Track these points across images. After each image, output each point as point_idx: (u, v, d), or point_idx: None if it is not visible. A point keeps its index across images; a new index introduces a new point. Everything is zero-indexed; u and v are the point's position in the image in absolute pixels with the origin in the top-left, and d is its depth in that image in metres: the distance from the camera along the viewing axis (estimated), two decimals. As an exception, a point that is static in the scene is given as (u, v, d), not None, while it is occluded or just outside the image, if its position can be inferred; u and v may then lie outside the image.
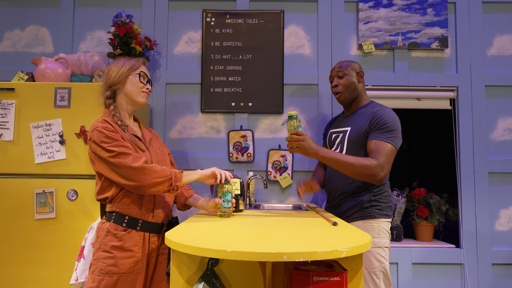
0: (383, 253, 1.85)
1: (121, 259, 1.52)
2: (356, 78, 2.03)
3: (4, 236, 2.03)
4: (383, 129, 1.84)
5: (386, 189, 1.95)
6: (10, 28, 2.75)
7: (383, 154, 1.77)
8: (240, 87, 2.67)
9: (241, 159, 2.61)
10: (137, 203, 1.58)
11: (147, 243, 1.60)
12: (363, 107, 2.03)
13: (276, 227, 1.36)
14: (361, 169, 1.73)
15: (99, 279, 1.50)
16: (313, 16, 2.73)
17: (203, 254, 0.99)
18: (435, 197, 2.68)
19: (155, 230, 1.62)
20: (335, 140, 2.06)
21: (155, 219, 1.62)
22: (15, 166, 2.06)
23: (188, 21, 2.74)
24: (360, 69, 2.05)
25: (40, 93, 2.10)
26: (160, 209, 1.65)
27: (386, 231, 1.89)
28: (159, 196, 1.65)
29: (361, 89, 2.05)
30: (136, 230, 1.57)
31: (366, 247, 1.08)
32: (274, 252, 0.94)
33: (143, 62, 1.76)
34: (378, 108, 1.94)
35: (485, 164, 2.58)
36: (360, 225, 1.89)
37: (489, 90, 2.65)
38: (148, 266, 1.61)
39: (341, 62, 2.07)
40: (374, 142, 1.83)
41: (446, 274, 2.52)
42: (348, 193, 1.95)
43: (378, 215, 1.89)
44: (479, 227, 2.54)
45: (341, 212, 1.98)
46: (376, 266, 1.82)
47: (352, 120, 2.01)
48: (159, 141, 1.86)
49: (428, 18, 2.65)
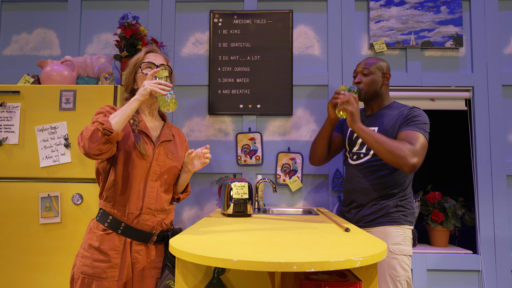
0: (408, 262, 1.77)
1: (95, 261, 1.43)
2: (381, 79, 1.95)
3: (9, 241, 2.01)
4: (416, 121, 1.77)
5: (410, 196, 1.88)
6: (18, 32, 2.75)
7: (417, 141, 1.70)
8: (248, 89, 2.62)
9: (250, 162, 2.56)
10: (121, 204, 1.48)
11: (129, 250, 1.47)
12: (386, 107, 1.95)
13: (285, 233, 1.29)
14: (393, 148, 1.66)
15: (76, 277, 1.45)
16: (322, 16, 2.67)
17: (208, 263, 0.94)
18: (450, 201, 2.59)
19: (140, 238, 1.48)
20: (357, 139, 1.97)
21: (140, 226, 1.49)
22: (20, 170, 2.04)
23: (195, 22, 2.70)
24: (388, 70, 1.97)
25: (45, 96, 2.07)
26: (149, 216, 1.51)
27: (410, 239, 1.82)
28: (149, 201, 1.51)
29: (384, 91, 1.97)
30: (117, 233, 1.46)
31: (382, 256, 1.01)
32: (284, 262, 0.88)
33: (148, 50, 1.64)
34: (406, 106, 1.89)
35: (503, 166, 2.48)
36: (383, 231, 1.80)
37: (506, 89, 2.55)
38: (133, 279, 1.47)
39: (368, 59, 1.99)
40: (405, 132, 1.75)
41: (463, 281, 2.43)
42: (373, 196, 1.87)
43: (404, 221, 1.81)
44: (497, 232, 2.45)
45: (363, 216, 1.88)
46: (402, 275, 1.74)
47: (378, 120, 1.93)
48: (181, 149, 1.69)
49: (442, 16, 2.57)
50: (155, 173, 1.55)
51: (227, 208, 1.82)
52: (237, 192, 1.81)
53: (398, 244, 1.77)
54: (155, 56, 1.63)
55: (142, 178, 1.52)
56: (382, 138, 1.71)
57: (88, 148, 1.35)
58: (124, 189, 1.49)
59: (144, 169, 1.52)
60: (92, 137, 1.34)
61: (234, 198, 1.80)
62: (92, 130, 1.35)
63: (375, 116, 1.96)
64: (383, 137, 1.72)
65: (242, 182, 1.85)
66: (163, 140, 1.60)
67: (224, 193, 1.86)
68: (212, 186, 2.58)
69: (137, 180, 1.50)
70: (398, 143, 1.70)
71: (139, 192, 1.50)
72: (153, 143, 1.58)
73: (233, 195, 1.81)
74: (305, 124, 2.61)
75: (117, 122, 1.38)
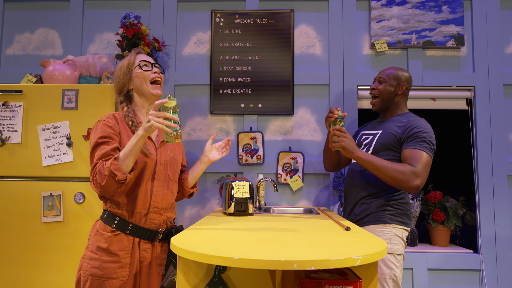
0: (394, 260, 1.77)
1: (105, 262, 1.44)
2: (395, 88, 1.97)
3: (12, 240, 2.02)
4: (419, 138, 1.77)
5: (403, 196, 1.88)
6: (20, 31, 2.76)
7: (419, 162, 1.71)
8: (249, 88, 2.62)
9: (251, 161, 2.56)
10: (129, 204, 1.49)
11: (137, 249, 1.49)
12: (398, 115, 1.97)
13: (286, 232, 1.30)
14: (394, 173, 1.68)
15: (84, 279, 1.45)
16: (323, 15, 2.68)
17: (209, 262, 0.94)
18: (451, 201, 2.59)
19: (147, 237, 1.51)
20: (363, 141, 2.01)
21: (147, 225, 1.51)
22: (22, 169, 2.05)
23: (196, 22, 2.71)
24: (406, 81, 1.98)
25: (48, 95, 2.08)
26: (156, 215, 1.54)
27: (399, 238, 1.82)
28: (156, 200, 1.54)
29: (399, 100, 1.99)
30: (125, 233, 1.48)
31: (382, 255, 1.02)
32: (284, 260, 0.89)
33: (138, 51, 1.67)
34: (415, 118, 1.89)
35: (504, 166, 2.48)
36: (371, 230, 1.83)
37: (507, 89, 2.55)
38: (140, 276, 1.50)
39: (390, 68, 2.03)
40: (409, 150, 1.76)
41: (464, 281, 2.43)
42: (363, 194, 1.90)
43: (390, 220, 1.82)
44: (498, 232, 2.45)
45: (354, 215, 1.93)
46: (386, 273, 1.75)
47: (385, 125, 1.96)
48: (177, 146, 1.74)
49: (443, 15, 2.57)
50: (160, 172, 1.57)
51: (228, 207, 1.83)
52: (238, 191, 1.82)
53: None
54: (146, 57, 1.66)
55: (148, 178, 1.54)
56: (382, 164, 1.72)
57: (105, 193, 1.41)
58: (132, 190, 1.50)
59: (150, 169, 1.54)
60: (107, 184, 1.37)
61: (235, 197, 1.81)
62: (106, 178, 1.36)
63: (384, 122, 1.99)
64: (383, 162, 1.73)
65: (243, 181, 1.86)
66: (162, 139, 1.62)
67: (225, 192, 1.87)
68: (214, 185, 2.59)
69: (144, 180, 1.52)
70: (399, 166, 1.71)
71: (146, 191, 1.52)
72: (154, 142, 1.60)
73: (234, 194, 1.82)
74: (306, 124, 2.61)
75: (128, 165, 1.39)
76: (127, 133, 1.54)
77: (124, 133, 1.53)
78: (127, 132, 1.54)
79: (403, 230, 1.83)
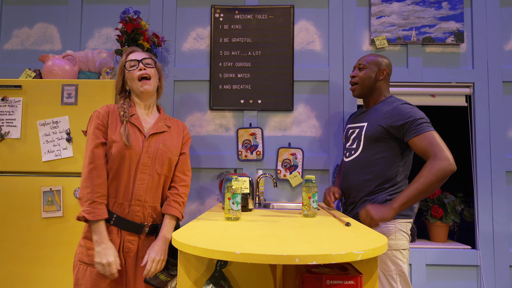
0: (400, 256, 1.77)
1: (89, 249, 1.50)
2: (376, 73, 1.95)
3: (11, 235, 2.02)
4: (416, 124, 1.74)
5: (403, 188, 1.87)
6: (19, 26, 2.74)
7: (433, 143, 1.68)
8: (249, 84, 2.62)
9: (250, 157, 2.56)
10: (112, 195, 1.53)
11: (121, 240, 1.53)
12: (381, 102, 1.95)
13: (287, 228, 1.31)
14: (433, 178, 1.64)
15: (75, 265, 1.53)
16: (324, 11, 2.67)
17: (210, 256, 0.95)
18: (449, 197, 2.60)
19: (131, 229, 1.54)
20: (350, 136, 2.00)
21: (130, 217, 1.54)
22: (22, 164, 2.05)
23: (196, 17, 2.70)
24: (386, 66, 1.96)
25: (47, 90, 2.08)
26: (139, 208, 1.55)
27: (404, 232, 1.81)
28: (139, 192, 1.54)
29: (380, 86, 1.96)
30: (110, 223, 1.52)
31: (382, 250, 1.03)
32: (286, 255, 0.89)
33: (129, 51, 1.67)
34: (396, 103, 1.85)
35: (502, 162, 2.50)
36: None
37: (506, 86, 2.56)
38: (126, 267, 1.53)
39: (369, 55, 2.00)
40: (417, 139, 1.73)
41: (462, 276, 2.44)
42: (364, 192, 1.88)
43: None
44: (496, 228, 2.46)
45: (356, 213, 1.91)
46: (393, 270, 1.75)
47: (369, 116, 1.93)
48: (177, 139, 1.69)
49: (443, 12, 2.57)
50: (145, 165, 1.56)
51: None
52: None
53: (388, 240, 1.78)
54: (136, 54, 1.67)
55: (131, 170, 1.55)
56: (420, 185, 1.66)
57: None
58: (113, 180, 1.53)
59: (133, 160, 1.55)
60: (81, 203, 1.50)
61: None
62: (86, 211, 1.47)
63: (367, 112, 1.97)
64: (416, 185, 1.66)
65: (243, 177, 1.86)
66: (153, 132, 1.61)
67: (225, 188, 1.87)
68: (213, 181, 2.59)
69: (126, 171, 1.54)
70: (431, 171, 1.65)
71: (128, 183, 1.54)
72: (144, 135, 1.60)
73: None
74: (306, 120, 2.62)
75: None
76: (116, 124, 1.56)
77: (113, 124, 1.56)
78: (116, 123, 1.56)
79: (406, 223, 1.82)
